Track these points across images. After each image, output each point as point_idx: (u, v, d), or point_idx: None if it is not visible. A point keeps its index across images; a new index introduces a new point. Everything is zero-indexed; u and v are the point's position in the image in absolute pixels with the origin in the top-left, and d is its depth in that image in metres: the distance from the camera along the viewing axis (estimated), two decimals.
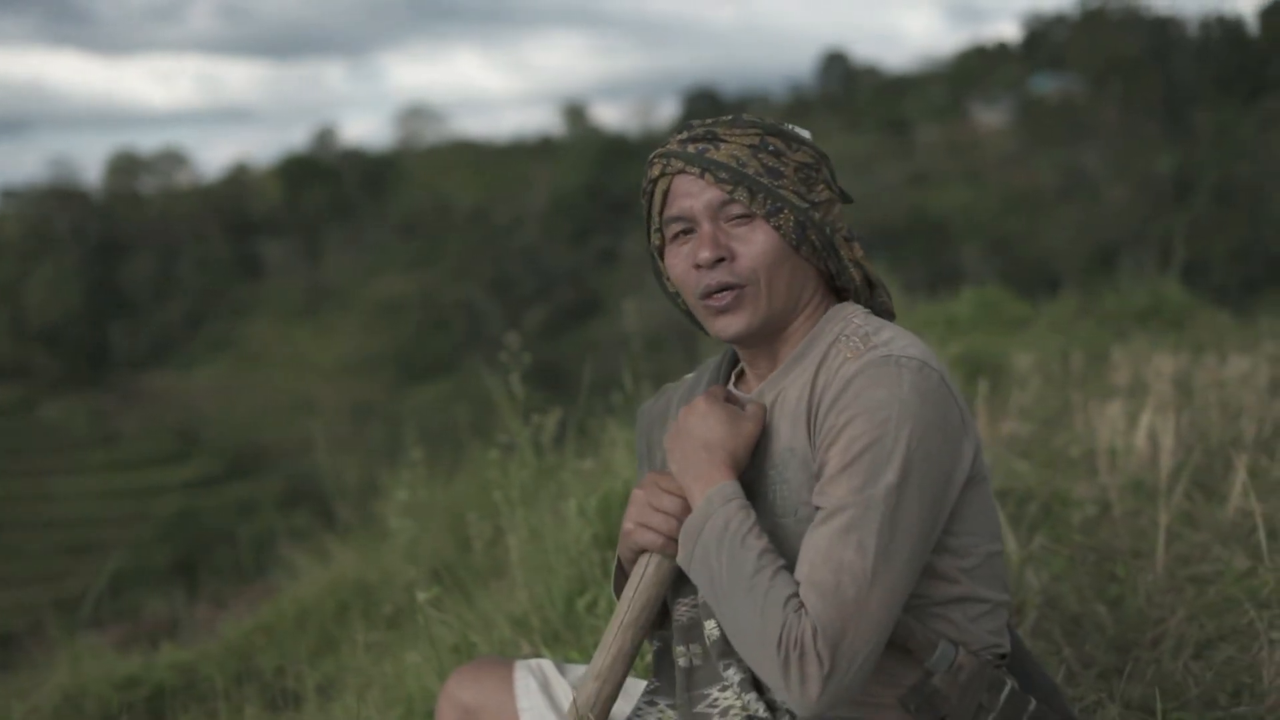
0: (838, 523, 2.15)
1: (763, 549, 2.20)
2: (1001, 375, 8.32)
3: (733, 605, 2.19)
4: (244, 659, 6.47)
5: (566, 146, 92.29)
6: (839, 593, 2.11)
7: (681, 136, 2.43)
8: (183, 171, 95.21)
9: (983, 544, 2.37)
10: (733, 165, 2.35)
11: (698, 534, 2.27)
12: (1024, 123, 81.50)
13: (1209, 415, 6.24)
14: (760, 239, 2.35)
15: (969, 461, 2.30)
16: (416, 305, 73.59)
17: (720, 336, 2.42)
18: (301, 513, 16.80)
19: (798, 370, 2.38)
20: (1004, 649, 2.42)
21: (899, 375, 2.21)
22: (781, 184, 2.35)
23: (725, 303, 2.37)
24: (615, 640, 2.42)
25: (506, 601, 4.58)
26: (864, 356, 2.25)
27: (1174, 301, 11.81)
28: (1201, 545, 4.53)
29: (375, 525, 8.21)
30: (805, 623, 2.10)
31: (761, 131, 2.39)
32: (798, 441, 2.31)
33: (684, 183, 2.40)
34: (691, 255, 2.39)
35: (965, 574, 2.34)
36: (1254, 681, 3.40)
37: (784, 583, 2.15)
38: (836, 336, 2.35)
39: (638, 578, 2.42)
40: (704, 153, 2.37)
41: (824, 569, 2.13)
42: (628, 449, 5.23)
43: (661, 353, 6.72)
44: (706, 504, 2.28)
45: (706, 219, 2.37)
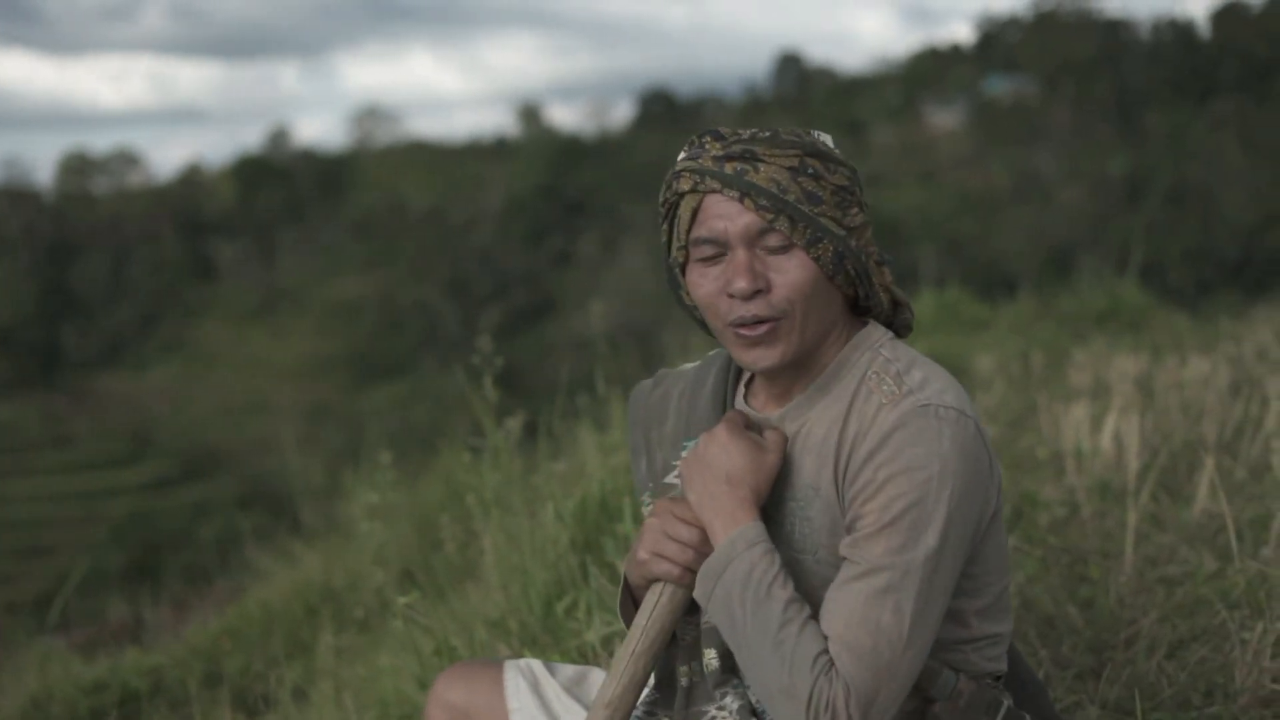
0: (876, 583, 2.11)
1: (789, 599, 2.15)
2: (964, 377, 8.37)
3: (757, 655, 2.15)
4: (212, 663, 6.44)
5: (522, 147, 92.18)
6: (875, 656, 2.09)
7: (717, 153, 2.27)
8: (135, 172, 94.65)
9: (996, 581, 2.35)
10: (773, 191, 2.22)
11: (719, 575, 2.22)
12: (977, 124, 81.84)
13: (1171, 417, 6.30)
14: (797, 269, 2.24)
15: (992, 503, 2.28)
16: (372, 306, 73.41)
17: (751, 369, 2.32)
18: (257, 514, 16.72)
19: (824, 403, 2.31)
20: (1002, 670, 2.42)
21: (939, 430, 2.15)
22: (821, 211, 2.24)
23: (759, 334, 2.25)
24: (627, 668, 2.35)
25: (483, 604, 4.58)
26: (901, 405, 2.19)
27: (1131, 303, 11.90)
28: (1169, 546, 4.58)
29: (339, 527, 8.18)
30: (837, 685, 2.07)
31: (801, 153, 2.26)
32: (823, 481, 2.26)
33: (718, 204, 2.26)
34: (723, 280, 2.27)
35: (978, 615, 2.32)
36: (1226, 681, 3.44)
37: (812, 637, 2.12)
38: (866, 372, 2.28)
39: (650, 607, 2.36)
40: (743, 174, 2.23)
41: (860, 630, 2.10)
42: (601, 451, 5.24)
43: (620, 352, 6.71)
44: (730, 546, 2.22)
45: (742, 245, 2.25)
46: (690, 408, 2.53)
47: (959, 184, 73.31)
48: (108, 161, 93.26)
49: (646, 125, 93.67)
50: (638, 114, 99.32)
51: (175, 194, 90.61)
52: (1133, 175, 67.52)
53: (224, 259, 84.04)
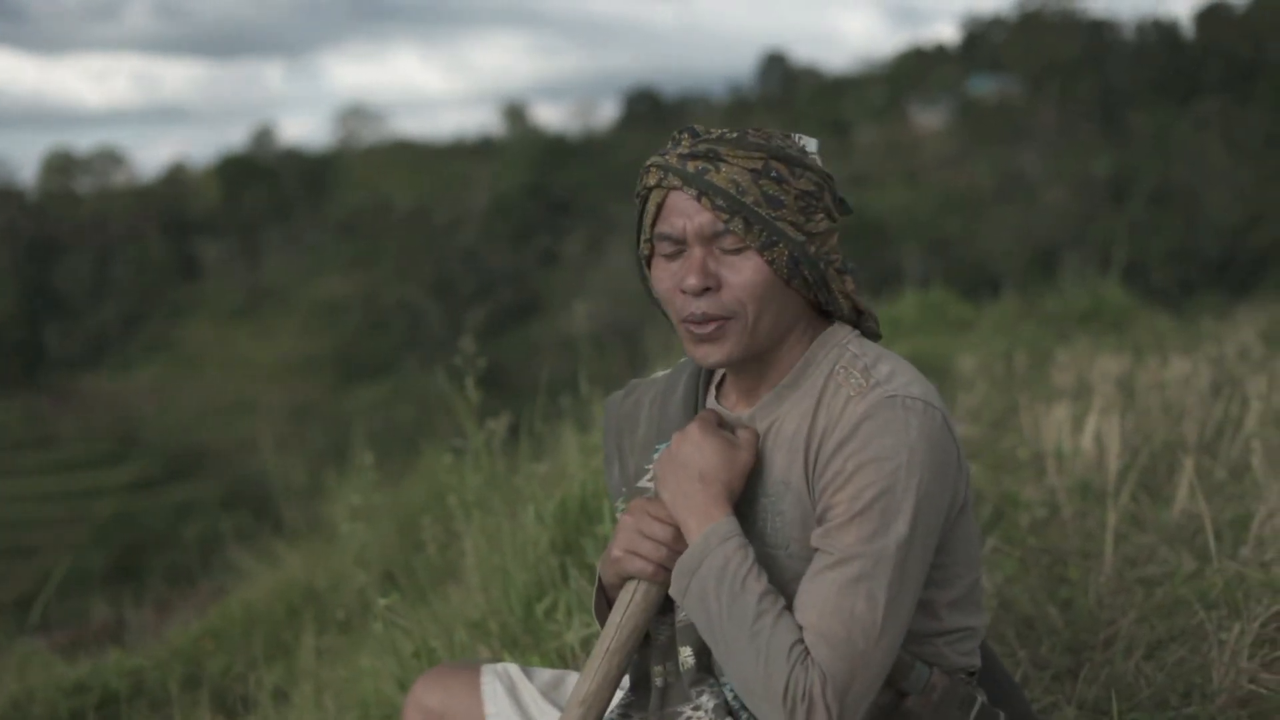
0: (847, 572, 2.13)
1: (763, 592, 2.17)
2: (947, 377, 8.39)
3: (733, 648, 2.17)
4: (193, 664, 6.43)
5: (507, 147, 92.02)
6: (850, 644, 2.10)
7: (683, 150, 2.31)
8: (119, 171, 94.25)
9: (966, 573, 2.37)
10: (731, 192, 2.25)
11: (693, 571, 2.23)
12: (962, 124, 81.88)
13: (1153, 417, 6.32)
14: (750, 271, 2.27)
15: (961, 495, 2.30)
16: (356, 306, 73.24)
17: (701, 364, 2.37)
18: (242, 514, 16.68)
19: (793, 399, 2.33)
20: (976, 666, 2.43)
21: (906, 419, 2.17)
22: (780, 214, 2.26)
23: (707, 332, 2.29)
24: (601, 666, 2.36)
25: (463, 606, 4.58)
26: (869, 396, 2.21)
27: (1115, 303, 11.94)
28: (1149, 546, 4.59)
29: (322, 528, 8.18)
30: (813, 674, 2.08)
31: (766, 155, 2.28)
32: (794, 475, 2.28)
33: (679, 200, 2.30)
34: (678, 277, 2.31)
35: (949, 607, 2.34)
36: (1204, 682, 3.45)
37: (787, 628, 2.13)
38: (834, 366, 2.31)
39: (624, 604, 2.37)
40: (704, 173, 2.27)
41: (833, 619, 2.11)
42: (582, 452, 5.25)
43: (604, 352, 6.73)
44: (704, 541, 2.23)
45: (698, 243, 2.28)
46: (661, 413, 2.55)
47: (944, 184, 73.34)
48: (92, 160, 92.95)
49: (632, 125, 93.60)
50: (623, 114, 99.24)
51: (159, 193, 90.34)
52: (1117, 175, 67.63)
53: (208, 258, 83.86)
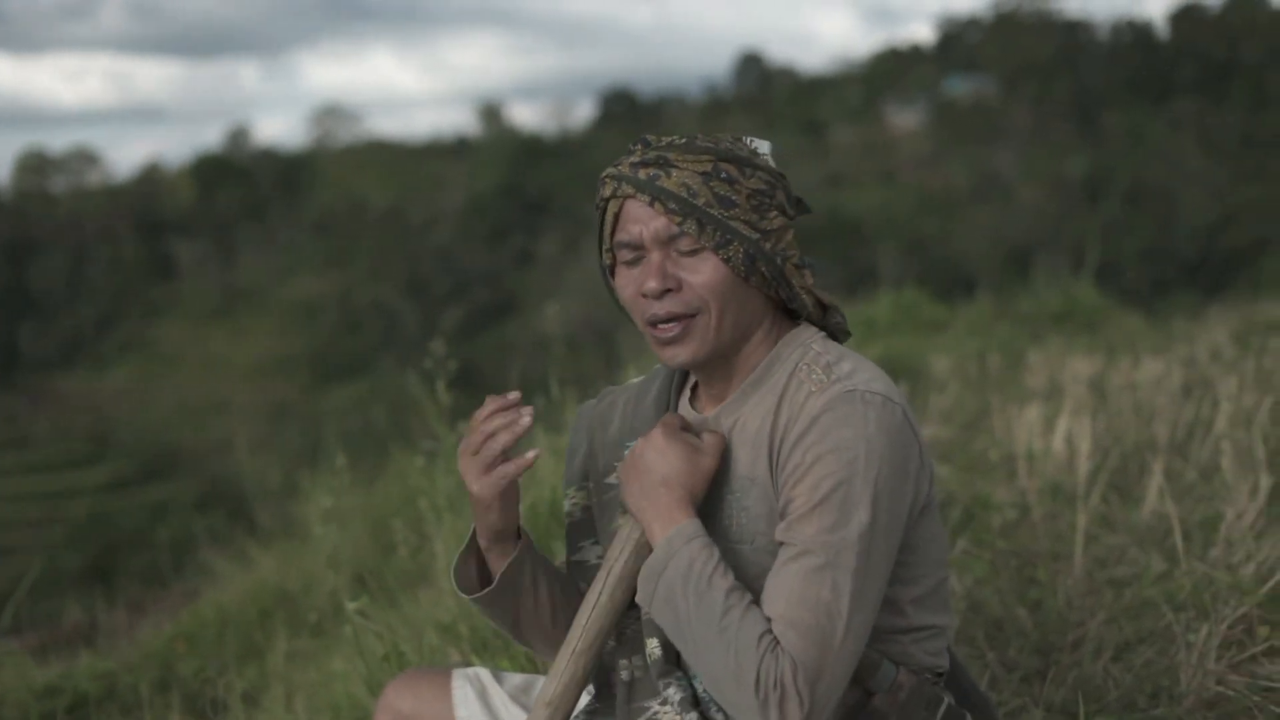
0: (811, 562, 2.14)
1: (729, 587, 2.18)
2: (921, 378, 8.41)
3: (703, 645, 2.18)
4: (165, 667, 6.42)
5: (482, 147, 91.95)
6: (818, 631, 2.11)
7: (634, 159, 2.36)
8: (94, 171, 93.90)
9: (932, 572, 2.39)
10: (683, 195, 2.30)
11: (659, 574, 2.25)
12: (938, 124, 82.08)
13: (1124, 418, 6.34)
14: (708, 270, 2.31)
15: (924, 492, 2.32)
16: (331, 306, 73.12)
17: (668, 365, 2.42)
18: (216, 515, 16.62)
19: (757, 397, 2.37)
20: (943, 667, 2.45)
21: (865, 413, 2.20)
22: (733, 214, 2.30)
23: (672, 333, 2.33)
24: (567, 667, 2.38)
25: (434, 609, 4.58)
26: (828, 391, 2.24)
27: (1088, 304, 11.98)
28: (1119, 547, 4.61)
29: (295, 529, 8.16)
30: (784, 662, 2.09)
31: (715, 157, 2.33)
32: (758, 471, 2.31)
33: (634, 208, 2.34)
34: (639, 282, 2.35)
35: (914, 604, 2.36)
36: (1172, 684, 3.46)
37: (755, 620, 2.14)
38: (797, 365, 2.34)
39: (590, 605, 2.39)
40: (655, 180, 2.32)
41: (800, 608, 2.12)
42: (554, 455, 5.24)
43: (580, 353, 6.72)
44: (668, 544, 2.25)
45: (656, 248, 2.33)
46: (634, 413, 2.59)
47: (919, 184, 73.49)
48: (66, 160, 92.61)
49: (608, 125, 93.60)
50: (599, 114, 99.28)
51: (134, 193, 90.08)
52: (1092, 175, 67.84)
53: (183, 258, 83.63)
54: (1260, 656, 3.47)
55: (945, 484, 5.46)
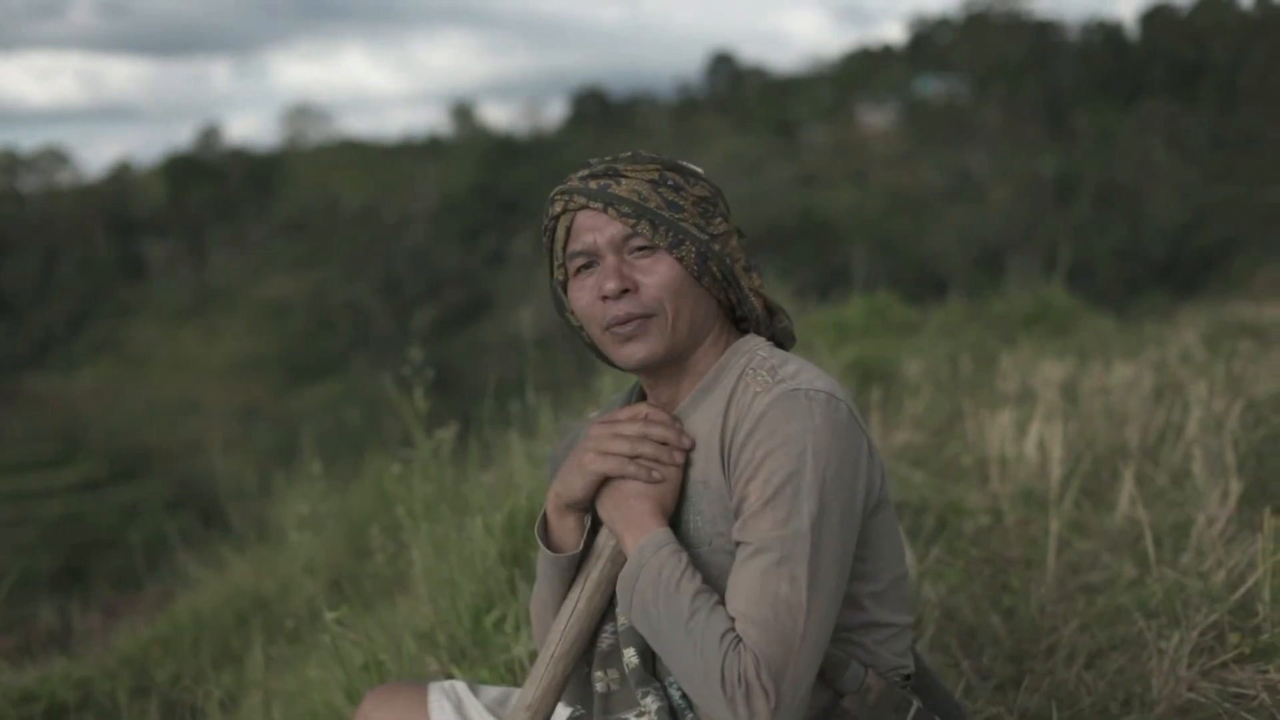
0: (768, 558, 2.19)
1: (696, 590, 2.23)
2: (893, 382, 8.44)
3: (675, 649, 2.22)
4: (142, 672, 6.40)
5: (455, 146, 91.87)
6: (778, 625, 2.15)
7: (582, 174, 2.45)
8: (64, 171, 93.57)
9: (890, 568, 2.43)
10: (635, 200, 2.38)
11: (634, 584, 2.30)
12: (909, 124, 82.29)
13: (1095, 423, 6.36)
14: (663, 269, 2.38)
15: (876, 488, 2.36)
16: (303, 306, 72.97)
17: (625, 365, 2.44)
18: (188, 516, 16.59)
19: (706, 403, 2.42)
20: (909, 669, 2.48)
21: (810, 408, 2.25)
22: (682, 217, 2.39)
23: (631, 330, 2.39)
24: (546, 672, 2.43)
25: (412, 617, 4.59)
26: (773, 390, 2.29)
27: (1059, 306, 12.00)
28: (1091, 553, 4.64)
29: (270, 533, 8.15)
30: (746, 657, 2.13)
31: (660, 167, 2.43)
32: (711, 474, 2.36)
33: (587, 218, 2.42)
34: (596, 288, 2.42)
35: (873, 599, 2.40)
36: (1144, 691, 3.49)
37: (719, 619, 2.18)
38: (743, 370, 2.39)
39: (569, 611, 2.44)
40: (606, 188, 2.40)
41: (760, 604, 2.16)
42: (530, 462, 5.25)
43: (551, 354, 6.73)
44: (639, 553, 2.31)
45: (610, 252, 2.40)
46: None
47: (891, 184, 73.66)
48: (36, 160, 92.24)
49: (580, 125, 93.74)
50: (571, 113, 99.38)
51: (105, 193, 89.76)
52: (1062, 175, 68.09)
53: (154, 258, 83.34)
54: (1231, 663, 3.50)
55: (918, 490, 5.49)
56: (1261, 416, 6.15)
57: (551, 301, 2.61)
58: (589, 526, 2.50)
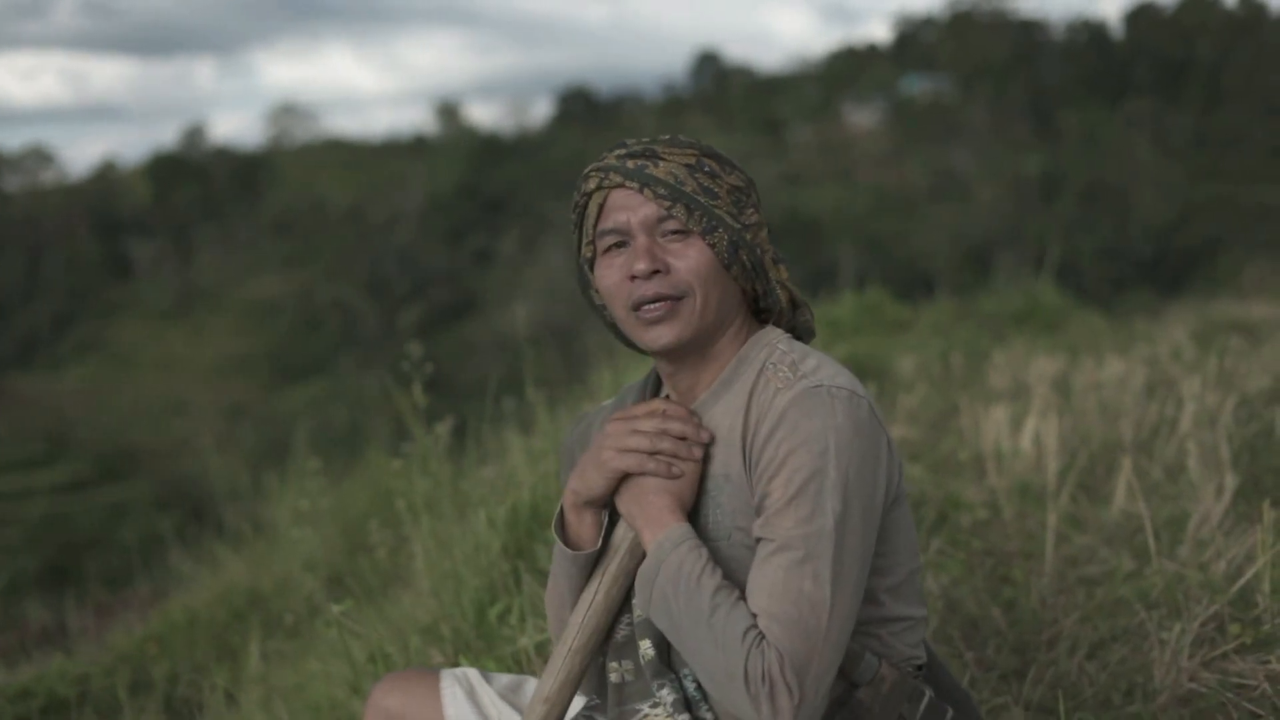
0: (792, 555, 2.19)
1: (717, 586, 2.23)
2: (887, 379, 8.46)
3: (696, 645, 2.23)
4: (139, 669, 6.40)
5: (441, 146, 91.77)
6: (802, 622, 2.15)
7: (620, 152, 2.45)
8: (49, 170, 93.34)
9: (905, 562, 2.44)
10: (671, 182, 2.38)
11: (653, 580, 2.30)
12: (895, 123, 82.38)
13: (1089, 418, 6.39)
14: (695, 254, 2.38)
15: (895, 483, 2.37)
16: (290, 305, 72.84)
17: (651, 348, 2.43)
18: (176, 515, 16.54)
19: (728, 397, 2.42)
20: (922, 660, 2.50)
21: (832, 406, 2.25)
22: (716, 204, 2.39)
23: (659, 313, 2.38)
24: (564, 665, 2.43)
25: (414, 610, 4.59)
26: (795, 387, 2.29)
27: (1049, 304, 12.05)
28: (1089, 547, 4.66)
29: (264, 531, 8.15)
30: (770, 654, 2.13)
31: (698, 152, 2.43)
32: (732, 469, 2.35)
33: (621, 197, 2.42)
34: (626, 267, 2.41)
35: (890, 594, 2.41)
36: (1146, 681, 3.51)
37: (741, 616, 2.19)
38: (764, 364, 2.39)
39: (586, 604, 2.44)
40: (644, 169, 2.40)
41: (784, 600, 2.17)
42: (529, 457, 5.27)
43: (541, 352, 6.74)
44: (658, 549, 2.31)
45: (643, 233, 2.40)
46: None
47: (877, 183, 73.74)
48: (20, 159, 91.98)
49: (566, 123, 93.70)
50: (557, 112, 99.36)
51: (90, 192, 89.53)
52: (1048, 174, 68.19)
53: (140, 257, 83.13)
54: (1232, 654, 3.52)
55: (916, 483, 5.50)
56: (1254, 412, 6.18)
57: (576, 279, 2.60)
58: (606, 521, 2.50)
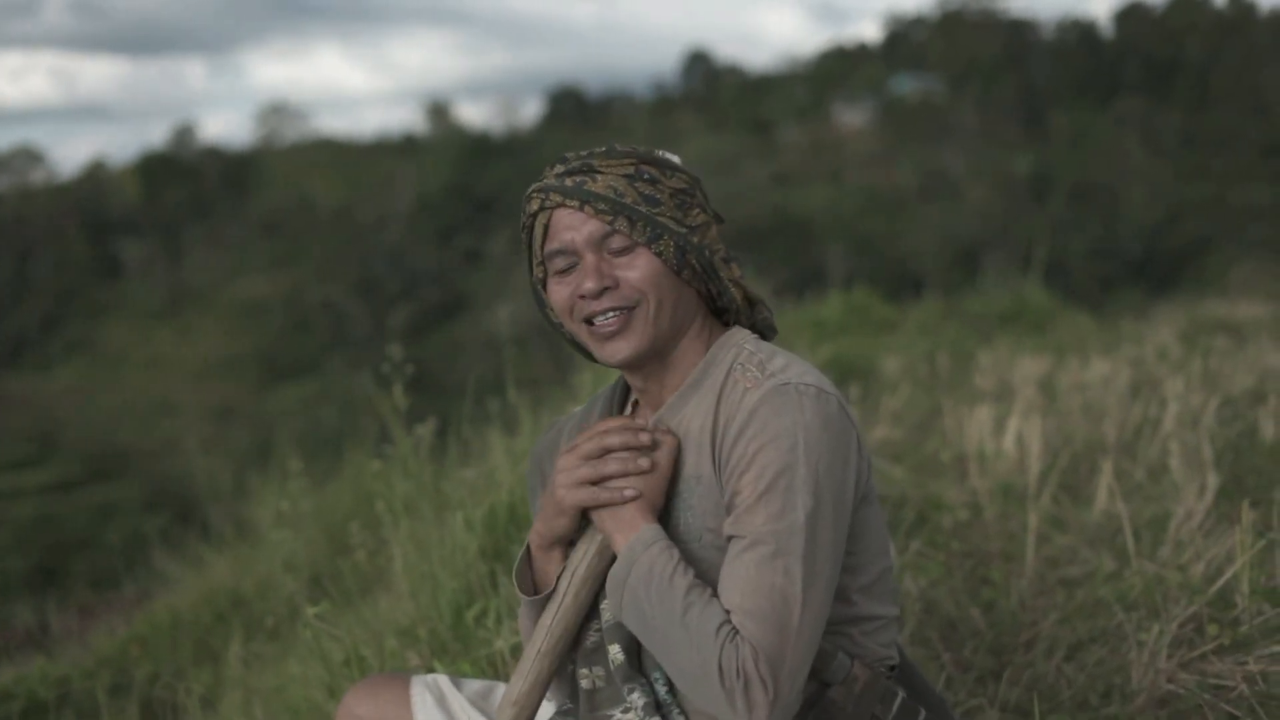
0: (763, 551, 2.18)
1: (689, 585, 2.22)
2: (872, 379, 8.46)
3: (670, 644, 2.22)
4: (120, 671, 6.38)
5: (430, 145, 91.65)
6: (775, 617, 2.15)
7: (558, 170, 2.44)
8: (38, 170, 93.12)
9: (876, 560, 2.44)
10: (611, 196, 2.37)
11: (624, 582, 2.29)
12: (885, 123, 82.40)
13: (1073, 419, 6.39)
14: (643, 264, 2.38)
15: (864, 481, 2.37)
16: (279, 306, 72.71)
17: (610, 361, 2.43)
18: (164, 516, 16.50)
19: (696, 398, 2.41)
20: (894, 661, 2.49)
21: (800, 402, 2.25)
22: (659, 211, 2.38)
23: (614, 326, 2.39)
24: (532, 668, 2.43)
25: (392, 612, 4.58)
26: (764, 385, 2.30)
27: (1036, 304, 12.06)
28: (1070, 548, 4.66)
29: (248, 532, 8.13)
30: (744, 649, 2.13)
31: (636, 160, 2.41)
32: (703, 469, 2.35)
33: (564, 216, 2.41)
34: (575, 286, 2.41)
35: (861, 592, 2.40)
36: (1124, 682, 3.51)
37: (714, 612, 2.18)
38: (732, 364, 2.39)
39: (555, 608, 2.43)
40: (582, 185, 2.39)
41: (756, 596, 2.16)
42: (510, 457, 5.26)
43: (528, 352, 6.74)
44: (629, 551, 2.30)
45: (589, 250, 2.39)
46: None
47: (867, 183, 73.73)
48: (10, 159, 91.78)
49: (556, 123, 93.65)
50: (547, 112, 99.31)
51: (79, 192, 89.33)
52: (1038, 174, 68.26)
53: (129, 258, 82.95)
54: (1210, 655, 3.51)
55: (897, 484, 5.50)
56: (1237, 412, 6.20)
57: (532, 298, 2.60)
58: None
